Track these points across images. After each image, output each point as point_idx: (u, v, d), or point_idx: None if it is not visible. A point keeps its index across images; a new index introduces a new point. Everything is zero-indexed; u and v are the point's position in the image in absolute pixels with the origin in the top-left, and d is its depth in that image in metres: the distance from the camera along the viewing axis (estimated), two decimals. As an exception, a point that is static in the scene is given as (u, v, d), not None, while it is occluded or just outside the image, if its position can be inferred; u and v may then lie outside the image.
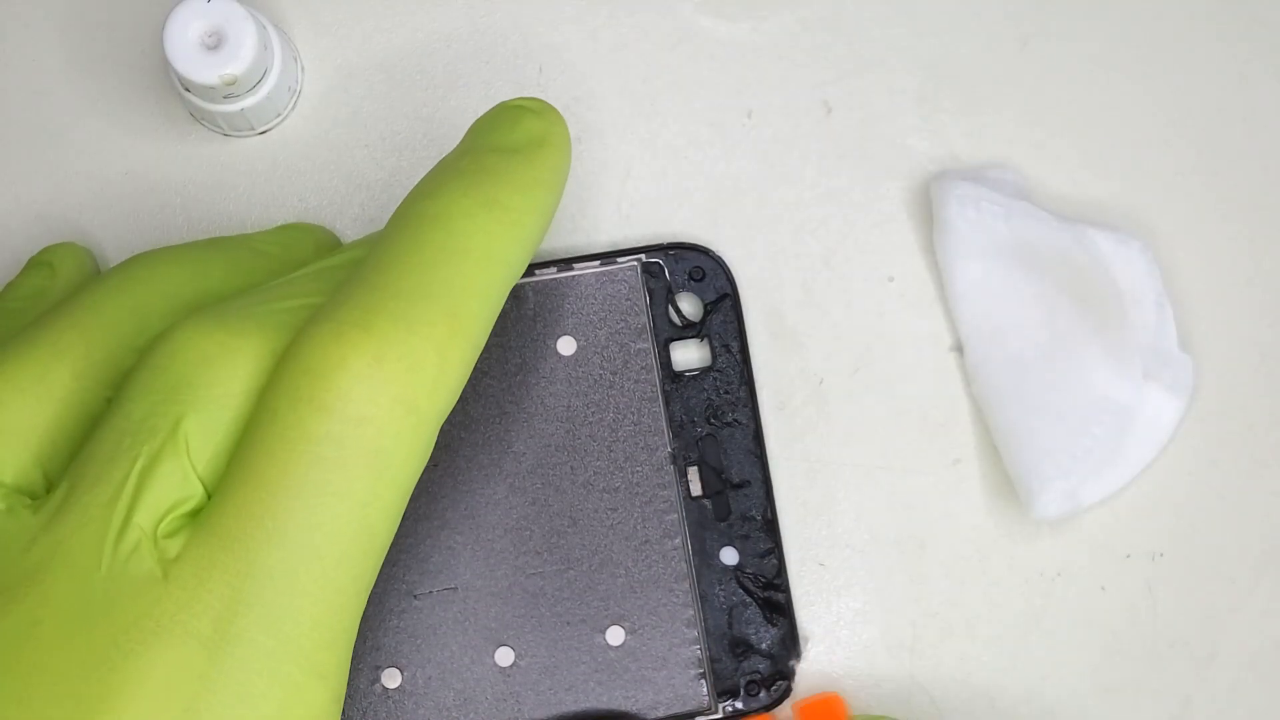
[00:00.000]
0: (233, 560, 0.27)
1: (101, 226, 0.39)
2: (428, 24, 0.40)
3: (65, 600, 0.27)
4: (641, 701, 0.37)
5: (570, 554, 0.37)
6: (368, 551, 0.28)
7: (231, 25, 0.35)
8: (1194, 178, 0.40)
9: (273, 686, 0.27)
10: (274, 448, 0.27)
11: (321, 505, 0.27)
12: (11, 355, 0.30)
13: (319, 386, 0.27)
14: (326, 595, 0.27)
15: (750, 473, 0.38)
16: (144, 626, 0.26)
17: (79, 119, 0.39)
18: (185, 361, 0.28)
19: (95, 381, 0.30)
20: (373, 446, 0.27)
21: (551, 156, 0.32)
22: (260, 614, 0.27)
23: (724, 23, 0.40)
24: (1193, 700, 0.39)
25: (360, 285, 0.29)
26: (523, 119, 0.32)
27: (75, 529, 0.27)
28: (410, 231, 0.29)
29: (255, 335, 0.28)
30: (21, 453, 0.29)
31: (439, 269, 0.29)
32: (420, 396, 0.28)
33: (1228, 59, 0.40)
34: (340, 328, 0.28)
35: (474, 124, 0.33)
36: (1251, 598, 0.39)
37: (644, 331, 0.38)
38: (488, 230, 0.29)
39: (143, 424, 0.28)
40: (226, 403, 0.28)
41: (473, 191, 0.30)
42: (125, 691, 0.26)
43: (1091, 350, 0.38)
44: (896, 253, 0.39)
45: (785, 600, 0.38)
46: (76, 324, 0.30)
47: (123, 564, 0.27)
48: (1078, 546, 0.39)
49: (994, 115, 0.40)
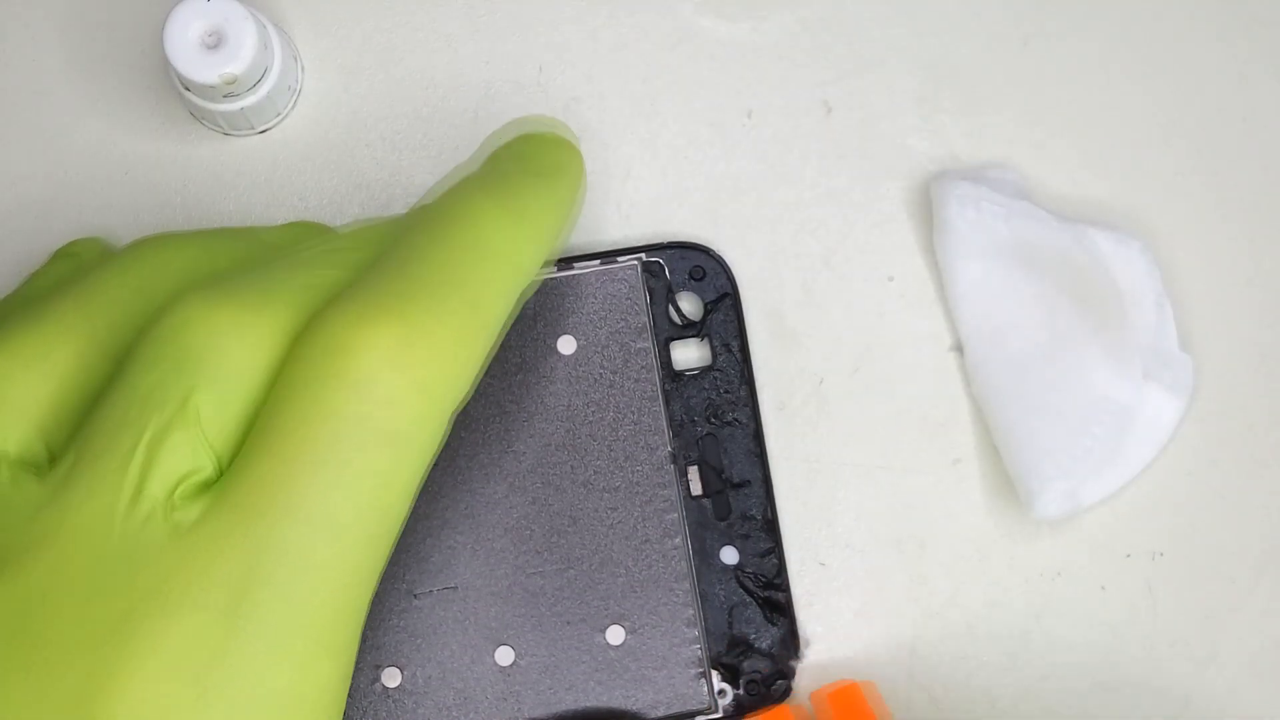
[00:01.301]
0: (249, 532, 0.27)
1: (102, 226, 0.39)
2: (428, 24, 0.40)
3: (76, 569, 0.27)
4: (642, 701, 0.37)
5: (570, 553, 0.37)
6: (382, 532, 0.28)
7: (231, 25, 0.35)
8: (1194, 178, 0.40)
9: (284, 660, 0.27)
10: (295, 423, 0.27)
11: (340, 482, 0.27)
12: (16, 330, 0.30)
13: (345, 365, 0.27)
14: (340, 572, 0.28)
15: (750, 472, 0.38)
16: (158, 596, 0.26)
17: (79, 119, 0.39)
18: (194, 334, 0.28)
19: (99, 358, 0.30)
20: (393, 428, 0.28)
21: (570, 182, 0.34)
22: (275, 587, 0.27)
23: (724, 23, 0.40)
24: (1193, 700, 0.39)
25: (386, 272, 0.29)
26: (545, 148, 0.34)
27: (84, 498, 0.27)
28: (438, 229, 0.30)
29: (264, 310, 0.29)
30: (25, 426, 0.29)
31: (463, 264, 0.30)
32: (440, 383, 0.28)
33: (1228, 59, 0.40)
34: (367, 310, 0.28)
35: (497, 150, 0.34)
36: (1251, 598, 0.39)
37: (644, 331, 0.38)
38: (510, 235, 0.31)
39: (151, 395, 0.28)
40: (236, 377, 0.28)
41: (499, 200, 0.31)
42: (136, 660, 0.26)
43: (1091, 350, 0.38)
44: (896, 253, 0.39)
45: (785, 600, 0.38)
46: (81, 302, 0.31)
47: (135, 534, 0.27)
48: (1078, 546, 0.39)
49: (994, 115, 0.40)
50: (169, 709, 0.26)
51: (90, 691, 0.26)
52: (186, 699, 0.26)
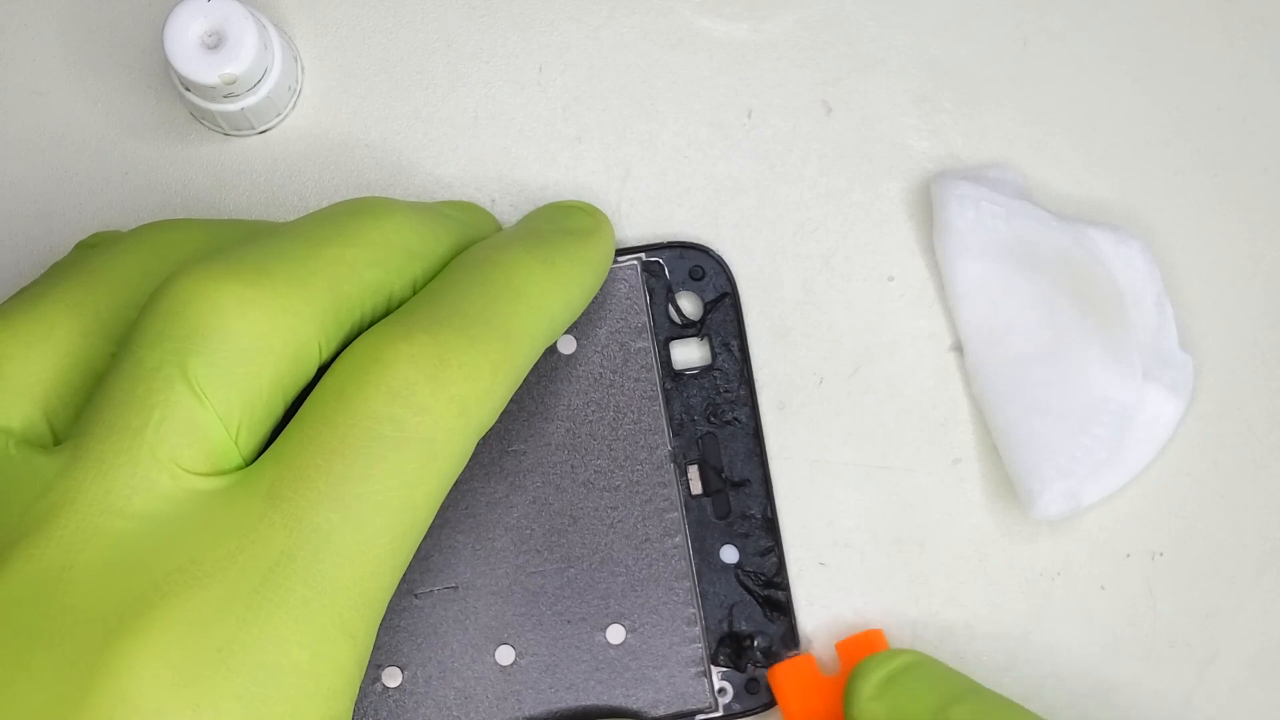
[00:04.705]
0: (281, 516, 0.28)
1: (102, 226, 0.39)
2: (428, 24, 0.40)
3: (96, 541, 0.28)
4: (642, 700, 0.37)
5: (571, 552, 0.37)
6: (408, 529, 0.30)
7: (231, 25, 0.35)
8: (1194, 178, 0.40)
9: (306, 636, 0.28)
10: (336, 419, 0.29)
11: (372, 477, 0.29)
12: (19, 309, 0.31)
13: (387, 374, 0.29)
14: (364, 561, 0.29)
15: (750, 471, 0.38)
16: (187, 571, 0.27)
17: (79, 119, 0.39)
18: (198, 310, 0.29)
19: (102, 338, 0.31)
20: (427, 435, 0.29)
21: (600, 244, 0.36)
22: (301, 566, 0.28)
23: (724, 23, 0.40)
24: (1193, 700, 0.39)
25: (428, 303, 0.32)
26: (576, 214, 0.37)
27: (98, 472, 0.28)
28: (477, 271, 0.33)
29: (267, 287, 0.29)
30: (28, 404, 0.30)
31: (498, 302, 0.32)
32: (473, 402, 0.30)
33: (1228, 59, 0.40)
34: (411, 331, 0.30)
35: (533, 211, 0.37)
36: (1252, 598, 0.39)
37: (644, 330, 0.38)
38: (541, 285, 0.33)
39: (158, 370, 0.29)
40: (241, 353, 0.29)
41: (534, 252, 0.34)
42: (159, 626, 0.27)
43: (1091, 350, 0.38)
44: (896, 253, 0.39)
45: (785, 599, 0.38)
46: (85, 282, 0.31)
47: (154, 506, 0.28)
48: (1078, 546, 0.39)
49: (994, 115, 0.40)
50: (190, 670, 0.27)
51: (113, 648, 0.26)
52: (208, 662, 0.27)
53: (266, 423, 0.30)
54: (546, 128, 0.39)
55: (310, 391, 0.30)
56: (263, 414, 0.30)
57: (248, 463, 0.30)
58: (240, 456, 0.29)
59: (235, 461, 0.29)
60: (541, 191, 0.39)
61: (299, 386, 0.30)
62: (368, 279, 0.31)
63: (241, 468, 0.29)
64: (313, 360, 0.30)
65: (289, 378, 0.30)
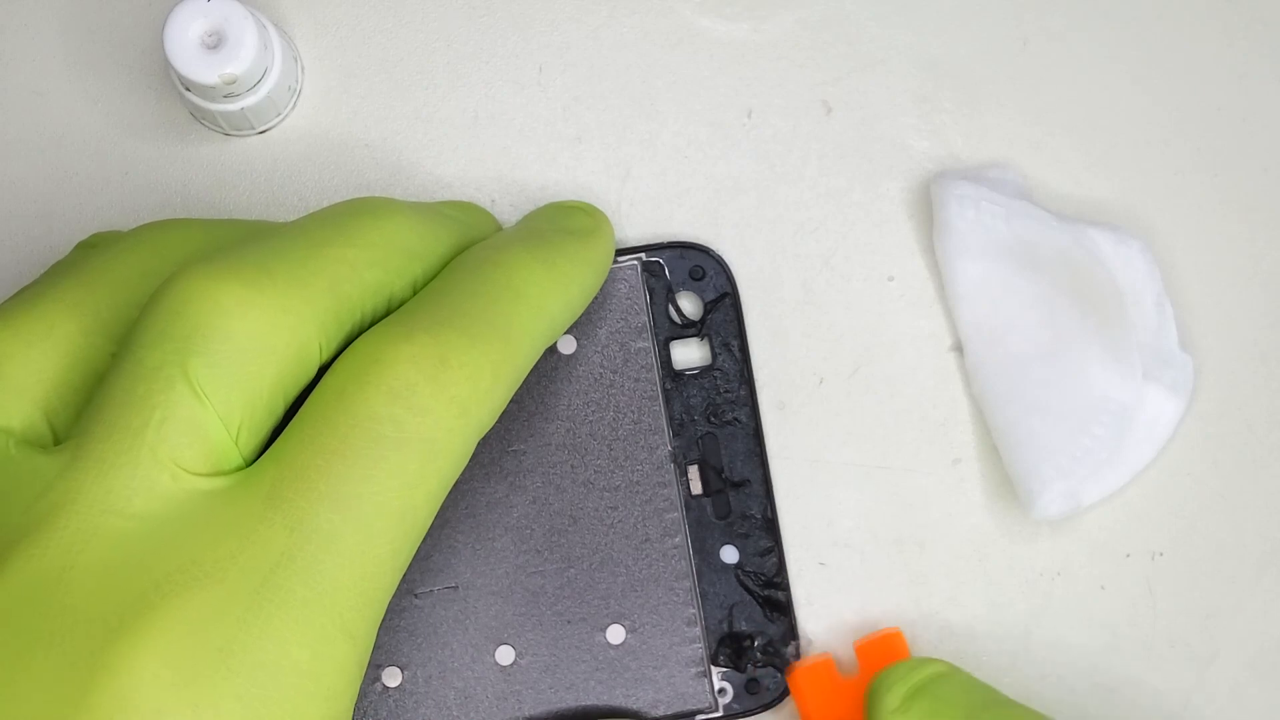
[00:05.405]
0: (282, 517, 0.28)
1: (102, 226, 0.39)
2: (428, 24, 0.40)
3: (97, 541, 0.28)
4: (642, 700, 0.37)
5: (571, 552, 0.37)
6: (408, 530, 0.30)
7: (231, 25, 0.35)
8: (1194, 178, 0.40)
9: (306, 636, 0.28)
10: (337, 419, 0.29)
11: (373, 477, 0.29)
12: (19, 309, 0.31)
13: (388, 374, 0.29)
14: (364, 561, 0.29)
15: (750, 471, 0.38)
16: (188, 571, 0.27)
17: (79, 119, 0.39)
18: (199, 310, 0.29)
19: (102, 338, 0.31)
20: (428, 435, 0.29)
21: (600, 244, 0.36)
22: (301, 567, 0.28)
23: (724, 23, 0.40)
24: (1193, 700, 0.39)
25: (429, 303, 0.31)
26: (576, 214, 0.37)
27: (99, 472, 0.28)
28: (477, 272, 0.33)
29: (267, 287, 0.29)
30: (28, 403, 0.30)
31: (499, 304, 0.32)
32: (473, 403, 0.30)
33: (1228, 59, 0.40)
34: (412, 331, 0.30)
35: (533, 212, 0.37)
36: (1252, 598, 0.39)
37: (644, 330, 0.38)
38: (541, 284, 0.33)
39: (159, 371, 0.29)
40: (241, 353, 0.29)
41: (534, 252, 0.34)
42: (160, 626, 0.27)
43: (1091, 350, 0.38)
44: (896, 253, 0.39)
45: (785, 599, 0.38)
46: (85, 281, 0.31)
47: (155, 506, 0.28)
48: (1078, 546, 0.39)
49: (994, 115, 0.40)
50: (191, 670, 0.27)
51: (113, 649, 0.26)
52: (208, 662, 0.27)
53: (267, 423, 0.30)
54: (546, 128, 0.39)
55: (311, 391, 0.30)
56: (263, 414, 0.30)
57: (248, 463, 0.30)
58: (241, 457, 0.29)
59: (236, 462, 0.29)
60: (541, 191, 0.39)
61: (300, 387, 0.30)
62: (368, 279, 0.31)
63: (242, 468, 0.29)
64: (313, 360, 0.30)
65: (290, 378, 0.30)
